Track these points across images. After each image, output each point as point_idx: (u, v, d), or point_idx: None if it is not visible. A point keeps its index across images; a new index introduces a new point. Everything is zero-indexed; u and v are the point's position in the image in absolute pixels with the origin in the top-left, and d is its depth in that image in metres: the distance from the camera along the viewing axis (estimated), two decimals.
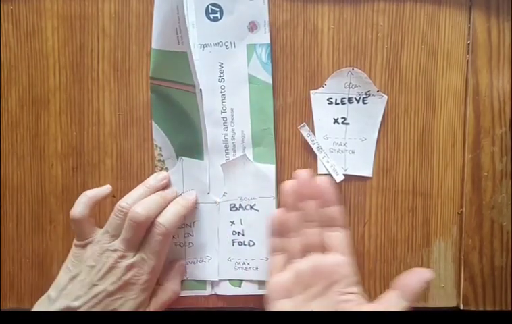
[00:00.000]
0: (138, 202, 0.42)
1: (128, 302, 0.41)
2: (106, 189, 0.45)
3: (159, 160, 0.46)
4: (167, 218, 0.42)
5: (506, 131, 0.46)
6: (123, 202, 0.42)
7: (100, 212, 0.47)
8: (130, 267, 0.41)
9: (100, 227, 0.43)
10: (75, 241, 0.43)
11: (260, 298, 0.46)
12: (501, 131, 0.46)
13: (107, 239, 0.41)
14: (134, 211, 0.41)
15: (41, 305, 0.41)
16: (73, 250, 0.42)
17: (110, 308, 0.40)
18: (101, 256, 0.41)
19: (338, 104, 0.46)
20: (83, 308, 0.39)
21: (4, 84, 0.47)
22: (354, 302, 0.39)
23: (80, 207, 0.42)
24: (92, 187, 0.46)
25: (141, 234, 0.41)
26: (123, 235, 0.41)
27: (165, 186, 0.45)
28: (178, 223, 0.43)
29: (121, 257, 0.41)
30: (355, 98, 0.46)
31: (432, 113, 0.46)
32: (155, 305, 0.43)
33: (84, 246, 0.42)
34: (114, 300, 0.40)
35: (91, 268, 0.41)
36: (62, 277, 0.41)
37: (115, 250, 0.41)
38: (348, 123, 0.46)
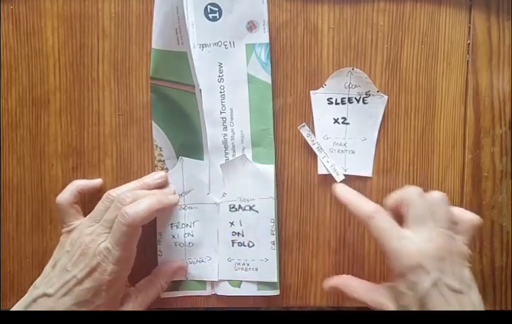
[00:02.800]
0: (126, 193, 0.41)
1: (100, 294, 0.39)
2: (96, 182, 0.46)
3: (160, 161, 0.46)
4: (135, 209, 0.40)
5: (506, 131, 0.46)
6: (113, 191, 0.42)
7: None
8: (96, 254, 0.39)
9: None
10: (62, 230, 0.43)
11: (259, 299, 0.46)
12: (501, 131, 0.46)
13: (87, 225, 0.41)
14: (124, 211, 0.40)
15: (28, 293, 0.41)
16: (60, 238, 0.43)
17: (82, 299, 0.39)
18: (77, 240, 0.41)
19: (338, 104, 0.46)
20: (56, 296, 0.39)
21: (4, 84, 0.47)
22: None
23: (65, 193, 0.44)
24: None
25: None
26: (101, 221, 0.41)
27: (162, 185, 0.45)
28: (149, 216, 0.40)
29: (92, 242, 0.40)
30: (355, 98, 0.46)
31: (432, 113, 0.46)
32: (143, 298, 0.43)
33: (68, 233, 0.42)
34: (84, 289, 0.39)
35: (67, 253, 0.41)
36: (48, 264, 0.42)
37: (89, 234, 0.40)
38: (348, 123, 0.46)
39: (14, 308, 0.40)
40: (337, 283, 0.43)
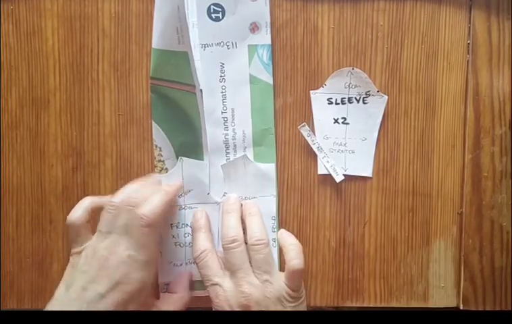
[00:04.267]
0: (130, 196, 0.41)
1: (127, 306, 0.39)
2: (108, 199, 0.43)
3: (159, 161, 0.46)
4: (149, 208, 0.40)
5: (506, 131, 0.46)
6: (115, 198, 0.41)
7: None
8: (119, 264, 0.39)
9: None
10: (71, 251, 0.41)
11: None
12: (501, 131, 0.46)
13: (100, 240, 0.40)
14: (141, 213, 0.39)
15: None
16: (70, 259, 0.41)
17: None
18: (93, 257, 0.39)
19: (338, 104, 0.46)
20: None
21: (4, 84, 0.47)
22: None
23: (78, 212, 0.42)
24: (92, 188, 0.47)
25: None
26: (115, 230, 0.40)
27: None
28: (164, 211, 0.41)
29: (110, 254, 0.39)
30: (355, 98, 0.46)
31: (432, 113, 0.46)
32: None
33: (79, 253, 0.41)
34: (110, 304, 0.38)
35: (85, 273, 0.39)
36: (60, 288, 0.40)
37: (105, 248, 0.39)
38: (348, 123, 0.46)
39: None
40: None
